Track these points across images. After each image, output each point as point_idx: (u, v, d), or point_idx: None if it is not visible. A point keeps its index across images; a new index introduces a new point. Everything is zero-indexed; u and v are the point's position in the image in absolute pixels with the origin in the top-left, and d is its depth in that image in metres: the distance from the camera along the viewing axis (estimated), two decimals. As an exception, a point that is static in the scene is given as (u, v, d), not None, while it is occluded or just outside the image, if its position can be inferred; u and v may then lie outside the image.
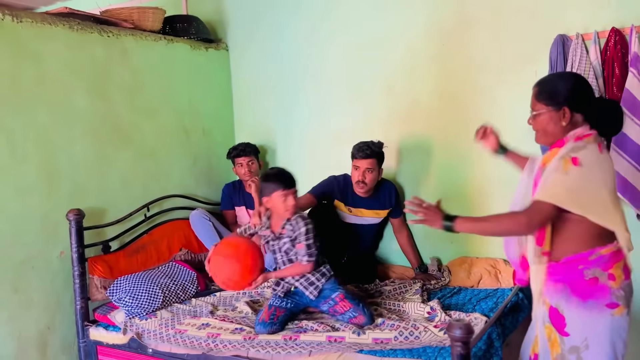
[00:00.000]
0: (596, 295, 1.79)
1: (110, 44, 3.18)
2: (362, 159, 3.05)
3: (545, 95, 1.88)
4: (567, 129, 1.86)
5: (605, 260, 1.80)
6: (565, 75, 1.96)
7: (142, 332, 2.71)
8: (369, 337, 2.30)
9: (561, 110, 1.85)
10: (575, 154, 1.76)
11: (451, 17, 3.16)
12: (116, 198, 3.19)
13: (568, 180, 1.74)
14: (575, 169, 1.73)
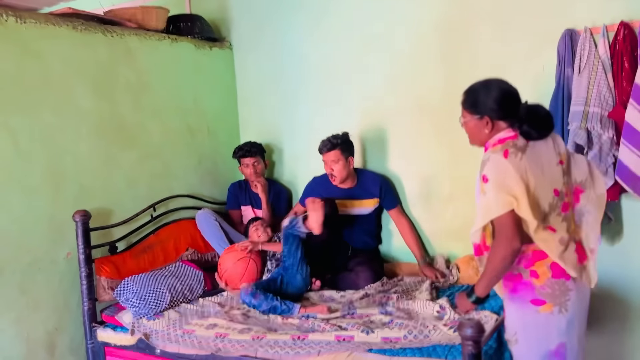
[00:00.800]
0: (521, 290, 1.90)
1: (115, 43, 3.17)
2: (326, 152, 3.19)
3: (469, 104, 1.99)
4: (491, 134, 1.95)
5: (527, 258, 1.89)
6: (489, 84, 1.97)
7: (149, 333, 2.70)
8: (378, 336, 2.28)
9: (483, 119, 1.93)
10: (483, 171, 1.87)
11: (457, 12, 3.13)
12: (122, 198, 3.18)
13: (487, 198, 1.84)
14: (487, 186, 1.84)
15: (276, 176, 3.91)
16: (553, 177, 1.92)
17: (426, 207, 3.35)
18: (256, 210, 3.64)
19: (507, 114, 1.92)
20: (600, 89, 2.64)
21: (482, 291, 1.93)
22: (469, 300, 1.96)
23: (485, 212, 1.85)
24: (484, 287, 1.92)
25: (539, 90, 2.86)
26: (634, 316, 2.81)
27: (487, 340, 1.98)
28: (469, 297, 1.96)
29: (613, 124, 2.64)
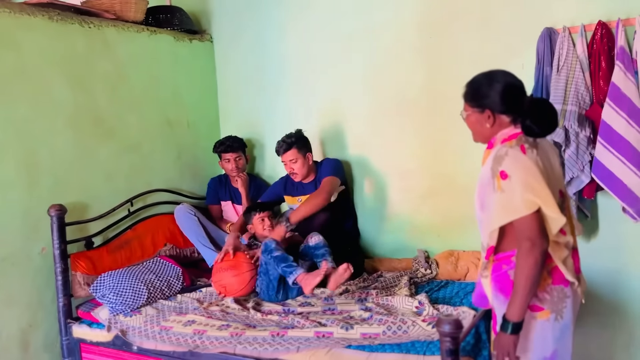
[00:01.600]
0: None
1: (92, 35, 3.11)
2: (283, 153, 3.22)
3: (470, 97, 1.88)
4: (494, 129, 1.84)
5: None
6: (491, 75, 1.86)
7: (126, 329, 2.67)
8: (357, 332, 2.29)
9: (485, 112, 1.83)
10: (500, 167, 1.73)
11: (437, 9, 3.14)
12: (99, 193, 3.13)
13: (504, 197, 1.71)
14: (505, 183, 1.71)
15: (257, 171, 3.89)
16: (558, 177, 1.86)
17: (406, 203, 3.37)
18: (236, 206, 3.61)
19: (511, 108, 1.80)
20: (578, 87, 2.67)
21: (519, 314, 1.71)
22: (505, 334, 1.73)
23: (507, 211, 1.71)
24: (519, 307, 1.70)
25: (519, 88, 2.89)
26: (609, 312, 2.86)
27: (465, 337, 1.99)
28: (504, 330, 1.73)
29: (590, 123, 2.67)
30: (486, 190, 1.79)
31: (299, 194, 3.33)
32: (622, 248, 2.81)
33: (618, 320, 2.85)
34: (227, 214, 3.64)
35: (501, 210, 1.73)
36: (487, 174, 1.79)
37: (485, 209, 1.82)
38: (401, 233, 3.37)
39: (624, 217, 2.68)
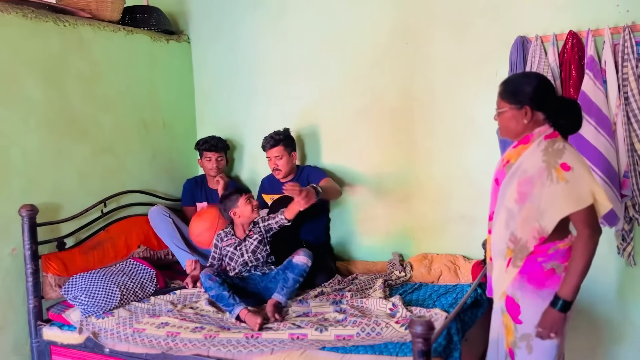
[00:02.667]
0: (552, 284, 1.88)
1: (67, 33, 3.08)
2: (270, 149, 3.26)
3: (508, 94, 1.96)
4: (529, 126, 1.94)
5: (563, 254, 1.89)
6: (528, 75, 2.02)
7: (98, 332, 2.64)
8: (332, 333, 2.30)
9: (523, 108, 1.93)
10: (561, 159, 1.84)
11: (415, 16, 3.19)
12: (72, 193, 3.09)
13: (570, 187, 1.81)
14: (569, 174, 1.81)
15: (234, 173, 3.88)
16: None
17: (381, 206, 3.40)
18: (212, 207, 3.60)
19: (547, 105, 1.93)
20: (549, 95, 2.74)
21: (572, 293, 1.83)
22: (555, 310, 1.84)
23: (575, 201, 1.80)
24: (574, 287, 1.83)
25: (491, 94, 2.91)
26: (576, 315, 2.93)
27: (436, 338, 2.02)
28: (554, 306, 1.85)
29: (560, 130, 2.74)
30: (533, 182, 1.86)
31: (274, 192, 3.36)
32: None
33: (585, 321, 2.92)
34: (203, 216, 3.62)
35: (567, 200, 1.81)
36: (535, 167, 1.87)
37: (528, 201, 1.87)
38: (376, 236, 3.40)
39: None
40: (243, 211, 2.87)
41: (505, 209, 1.96)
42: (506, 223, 1.95)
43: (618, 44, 2.64)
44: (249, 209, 2.86)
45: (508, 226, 1.94)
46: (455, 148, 3.13)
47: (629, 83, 2.61)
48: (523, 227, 1.90)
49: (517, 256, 1.92)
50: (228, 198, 2.90)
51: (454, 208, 3.17)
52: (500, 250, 1.98)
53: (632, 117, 2.61)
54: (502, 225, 1.96)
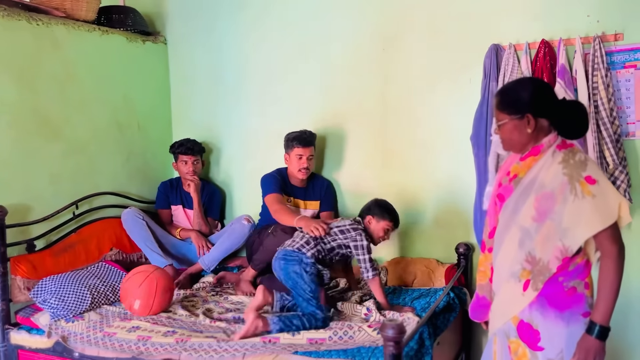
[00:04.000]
0: (573, 305, 1.74)
1: (40, 32, 3.03)
2: (306, 146, 3.14)
3: (506, 105, 1.82)
4: (533, 135, 1.79)
5: (581, 269, 1.76)
6: (523, 81, 1.88)
7: (68, 335, 2.59)
8: (304, 337, 2.30)
9: (524, 117, 1.78)
10: (585, 172, 1.69)
11: (392, 23, 3.21)
12: (43, 194, 3.04)
13: (597, 202, 1.67)
14: (595, 188, 1.67)
15: (210, 176, 3.86)
16: None
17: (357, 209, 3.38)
18: (187, 211, 3.57)
19: (548, 110, 1.78)
20: (522, 102, 2.77)
21: (608, 317, 1.68)
22: (593, 337, 1.67)
23: (605, 215, 1.65)
24: (609, 310, 1.68)
25: (466, 101, 2.99)
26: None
27: (408, 341, 2.03)
28: (591, 333, 1.67)
29: (532, 137, 2.78)
30: (554, 198, 1.71)
31: (290, 194, 3.26)
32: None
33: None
34: (177, 218, 3.59)
35: (595, 216, 1.65)
36: (556, 180, 1.71)
37: (548, 218, 1.72)
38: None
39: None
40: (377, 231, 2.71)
41: (519, 228, 1.78)
42: (520, 242, 1.77)
43: (589, 54, 2.70)
44: (380, 235, 2.71)
45: (523, 246, 1.76)
46: (430, 153, 3.16)
47: (598, 92, 2.66)
48: (543, 247, 1.73)
49: (537, 278, 1.74)
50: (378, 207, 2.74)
51: (428, 212, 3.19)
52: (513, 272, 1.79)
53: (601, 126, 2.67)
54: (515, 244, 1.79)
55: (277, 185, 3.16)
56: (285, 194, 3.21)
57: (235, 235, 3.32)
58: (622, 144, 2.69)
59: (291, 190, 3.25)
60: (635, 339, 2.80)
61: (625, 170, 2.69)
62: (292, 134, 3.18)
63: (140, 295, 2.67)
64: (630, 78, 2.68)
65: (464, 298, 2.88)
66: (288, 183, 3.25)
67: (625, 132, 2.71)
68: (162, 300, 2.72)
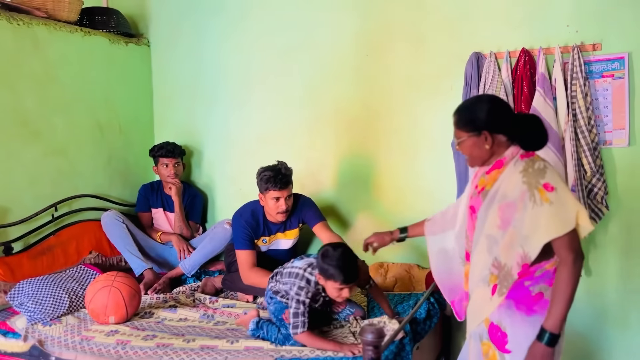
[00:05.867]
0: (540, 310, 1.77)
1: (21, 32, 3.00)
2: (283, 189, 2.81)
3: (464, 123, 1.89)
4: (494, 150, 1.86)
5: (550, 276, 1.78)
6: (480, 98, 1.94)
7: (44, 339, 2.55)
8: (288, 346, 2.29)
9: (482, 134, 1.84)
10: (543, 179, 1.72)
11: (375, 29, 3.24)
12: (21, 196, 3.00)
13: (555, 208, 1.69)
14: (552, 195, 1.70)
15: (192, 179, 3.84)
16: None
17: (339, 214, 3.42)
18: (168, 214, 3.55)
19: (505, 126, 1.84)
20: (502, 110, 2.81)
21: (560, 325, 1.70)
22: (542, 344, 1.69)
23: (562, 222, 1.68)
24: (561, 318, 1.70)
25: (447, 108, 2.99)
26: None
27: (387, 346, 2.04)
28: (541, 340, 1.70)
29: (512, 144, 2.82)
30: (515, 206, 1.74)
31: (265, 234, 2.99)
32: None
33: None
34: (158, 222, 3.56)
35: (552, 223, 1.68)
36: (515, 190, 1.75)
37: (510, 226, 1.76)
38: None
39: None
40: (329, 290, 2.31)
41: (485, 237, 1.84)
42: (488, 249, 1.83)
43: (568, 63, 2.74)
44: (334, 295, 2.30)
45: (491, 252, 1.82)
46: (411, 159, 3.19)
47: (577, 100, 2.71)
48: (507, 253, 1.77)
49: (502, 284, 1.79)
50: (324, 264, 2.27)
51: (409, 218, 3.17)
52: (483, 277, 1.85)
53: (579, 133, 2.72)
54: (484, 251, 1.85)
55: (247, 239, 2.90)
56: (262, 236, 2.98)
57: (217, 239, 3.31)
58: (599, 152, 2.74)
59: (268, 229, 2.98)
60: (611, 344, 2.85)
61: (602, 178, 2.74)
62: (265, 173, 2.83)
63: (111, 310, 2.61)
64: (608, 87, 2.73)
65: (443, 303, 2.90)
66: (263, 223, 2.96)
67: (603, 140, 2.76)
68: (133, 306, 2.68)
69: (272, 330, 2.38)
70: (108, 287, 2.63)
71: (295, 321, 2.26)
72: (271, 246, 3.03)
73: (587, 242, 2.84)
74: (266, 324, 2.42)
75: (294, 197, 2.99)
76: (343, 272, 2.22)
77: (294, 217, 3.01)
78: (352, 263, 2.29)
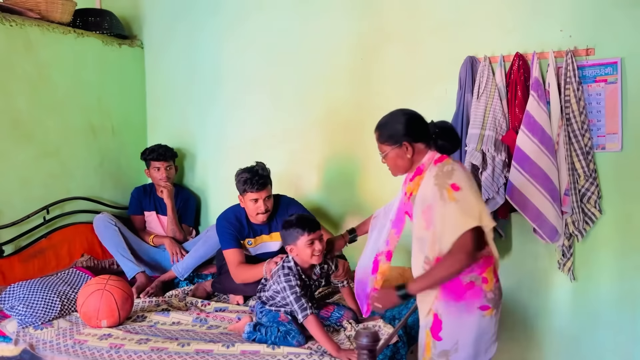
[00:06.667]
0: (471, 298, 1.93)
1: (13, 33, 2.98)
2: (260, 190, 2.80)
3: (385, 137, 2.08)
4: (414, 158, 2.05)
5: (480, 265, 1.94)
6: (395, 114, 2.10)
7: (36, 343, 2.52)
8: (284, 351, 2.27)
9: (402, 145, 2.04)
10: (450, 180, 1.91)
11: (370, 33, 3.24)
12: (13, 198, 2.97)
13: (460, 206, 1.87)
14: (458, 194, 1.88)
15: (185, 182, 3.83)
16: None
17: (334, 217, 3.42)
18: (161, 217, 3.53)
19: (421, 134, 2.04)
20: (496, 114, 2.83)
21: (417, 291, 1.96)
22: (396, 293, 1.96)
23: (469, 217, 1.86)
24: (421, 287, 1.95)
25: (441, 111, 3.00)
26: (519, 327, 3.02)
27: (382, 349, 2.04)
28: (397, 290, 1.96)
29: (506, 148, 2.84)
30: (432, 208, 1.93)
31: (250, 236, 2.96)
32: (532, 266, 2.98)
33: (527, 335, 3.01)
34: (151, 225, 3.54)
35: (461, 219, 1.85)
36: (430, 192, 1.94)
37: (432, 226, 1.93)
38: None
39: (535, 238, 2.85)
40: (301, 253, 2.40)
41: (417, 239, 2.03)
42: (420, 249, 2.01)
43: (561, 67, 2.76)
44: (308, 252, 2.38)
45: (422, 251, 1.99)
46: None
47: (570, 105, 2.73)
48: (431, 250, 1.95)
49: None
50: (287, 229, 2.42)
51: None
52: (419, 274, 2.01)
53: (572, 138, 2.73)
54: (417, 251, 2.03)
55: (232, 238, 2.88)
56: (246, 238, 2.95)
57: (210, 242, 3.28)
58: (592, 156, 2.76)
59: (252, 231, 2.95)
60: (604, 346, 2.86)
61: (595, 182, 2.76)
62: (242, 175, 2.82)
63: (104, 314, 2.57)
64: (601, 92, 2.75)
65: (438, 306, 2.90)
66: (247, 225, 2.94)
67: (596, 144, 2.78)
68: (125, 309, 2.64)
69: (271, 330, 2.38)
70: (100, 290, 2.60)
71: (301, 304, 2.30)
72: (259, 249, 3.01)
73: (580, 245, 2.85)
74: (264, 326, 2.41)
75: (277, 198, 2.99)
76: (304, 222, 2.39)
77: (279, 219, 2.95)
78: (309, 216, 2.50)
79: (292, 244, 2.40)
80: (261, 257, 2.99)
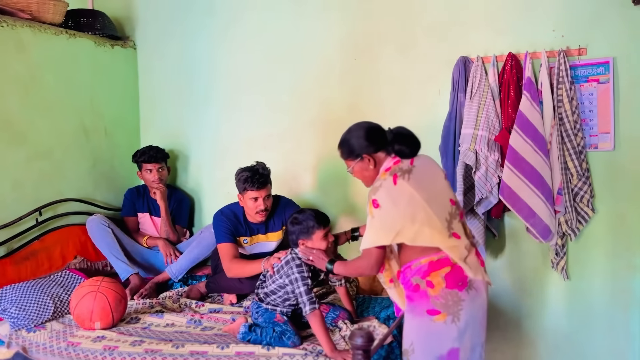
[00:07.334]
0: (418, 300, 1.98)
1: (4, 34, 2.96)
2: (260, 189, 2.82)
3: (347, 153, 2.17)
4: (377, 168, 2.12)
5: (424, 269, 1.98)
6: (352, 129, 2.19)
7: (29, 346, 2.50)
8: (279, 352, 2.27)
9: (364, 158, 2.12)
10: (374, 195, 2.00)
11: (364, 33, 3.25)
12: (4, 200, 2.95)
13: (376, 223, 1.99)
14: (376, 211, 1.99)
15: (179, 183, 3.81)
16: (445, 189, 2.11)
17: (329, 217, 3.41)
18: (154, 218, 3.52)
19: (379, 144, 2.11)
20: (489, 114, 2.84)
21: (337, 271, 2.27)
22: (326, 264, 2.30)
23: (372, 238, 1.99)
24: (339, 272, 2.28)
25: (435, 112, 3.03)
26: (512, 326, 3.03)
27: (377, 349, 2.04)
28: (329, 264, 2.30)
29: (499, 147, 2.84)
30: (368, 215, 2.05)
31: (246, 234, 2.98)
32: (525, 266, 2.99)
33: (521, 334, 3.02)
34: (144, 226, 3.53)
35: (375, 233, 1.99)
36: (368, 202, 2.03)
37: None
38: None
39: (528, 237, 2.87)
40: (316, 247, 2.42)
41: None
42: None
43: (554, 67, 2.77)
44: (323, 245, 2.42)
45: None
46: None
47: (563, 104, 2.74)
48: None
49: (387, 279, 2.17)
50: (301, 224, 2.44)
51: (398, 221, 3.21)
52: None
53: (565, 137, 2.75)
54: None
55: (228, 232, 2.89)
56: (242, 236, 2.96)
57: (204, 243, 3.28)
58: (585, 156, 2.77)
59: (248, 229, 2.97)
60: (597, 345, 2.87)
61: (588, 181, 2.77)
62: (243, 174, 2.84)
63: (97, 316, 2.56)
64: (594, 92, 2.76)
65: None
66: (244, 223, 2.96)
67: (589, 144, 2.79)
68: (119, 311, 2.64)
69: (266, 331, 2.37)
70: (94, 292, 2.59)
71: (311, 297, 2.32)
72: (255, 249, 3.01)
73: (573, 244, 2.87)
74: (259, 327, 2.41)
75: (276, 198, 3.02)
76: (319, 217, 2.46)
77: (276, 219, 3.01)
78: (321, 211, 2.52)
79: (305, 238, 2.43)
80: (257, 256, 2.99)
